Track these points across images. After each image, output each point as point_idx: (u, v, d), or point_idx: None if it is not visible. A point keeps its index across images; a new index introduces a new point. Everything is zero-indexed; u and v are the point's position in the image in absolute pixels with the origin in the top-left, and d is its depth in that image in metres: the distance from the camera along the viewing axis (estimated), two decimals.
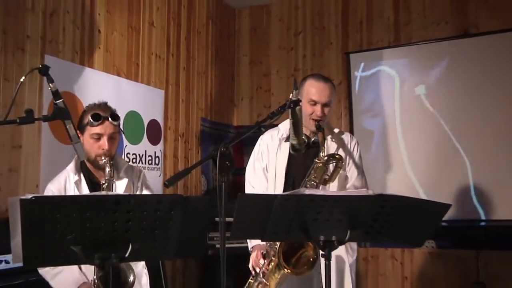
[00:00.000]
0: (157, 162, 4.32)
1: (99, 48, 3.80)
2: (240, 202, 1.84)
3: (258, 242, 2.60)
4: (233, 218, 1.84)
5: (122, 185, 2.44)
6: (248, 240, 2.68)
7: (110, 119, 2.32)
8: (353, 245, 2.72)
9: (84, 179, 2.39)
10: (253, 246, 2.65)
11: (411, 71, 4.67)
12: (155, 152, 4.31)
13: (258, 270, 2.54)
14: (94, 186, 2.38)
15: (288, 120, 2.43)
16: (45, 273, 2.29)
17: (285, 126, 2.75)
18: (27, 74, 2.09)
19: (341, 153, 2.64)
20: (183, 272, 4.52)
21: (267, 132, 2.83)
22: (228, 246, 1.87)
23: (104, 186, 2.24)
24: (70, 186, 2.35)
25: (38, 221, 1.49)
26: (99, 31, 3.81)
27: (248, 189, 2.82)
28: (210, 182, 5.01)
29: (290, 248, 2.40)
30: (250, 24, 5.62)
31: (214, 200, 1.77)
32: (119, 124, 2.38)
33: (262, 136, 2.85)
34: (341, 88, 4.91)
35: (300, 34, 5.33)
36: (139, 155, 4.15)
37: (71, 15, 3.57)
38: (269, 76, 5.45)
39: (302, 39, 5.31)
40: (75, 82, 3.53)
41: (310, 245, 2.36)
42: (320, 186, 2.51)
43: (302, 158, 2.64)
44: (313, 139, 2.67)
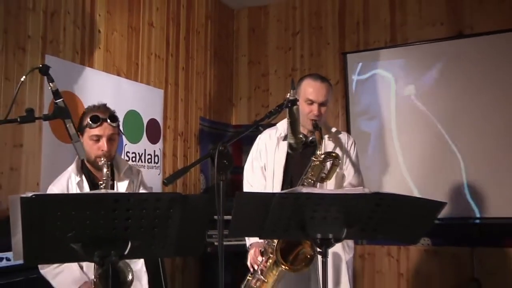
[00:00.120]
0: (156, 161, 4.34)
1: (99, 48, 3.82)
2: (238, 200, 1.85)
3: (256, 240, 2.61)
4: (231, 216, 1.86)
5: (123, 186, 2.46)
6: (246, 237, 2.69)
7: (108, 120, 2.33)
8: (350, 242, 2.73)
9: (85, 180, 2.41)
10: (251, 243, 2.67)
11: (407, 72, 4.69)
12: (154, 151, 4.33)
13: (256, 267, 2.56)
14: (95, 187, 2.39)
15: (286, 119, 2.44)
16: (46, 273, 2.31)
17: (283, 125, 2.75)
18: (28, 74, 2.11)
19: (338, 151, 2.65)
20: (182, 269, 4.54)
21: (265, 131, 2.84)
22: (227, 243, 1.86)
23: (101, 187, 2.26)
24: (72, 187, 2.37)
25: (39, 219, 1.49)
26: (99, 31, 3.82)
27: (246, 187, 2.84)
28: (209, 180, 5.02)
29: (288, 245, 2.41)
30: (248, 24, 5.64)
31: (213, 198, 1.77)
32: (118, 126, 2.39)
33: (260, 135, 2.86)
34: (338, 88, 4.95)
35: (297, 35, 5.35)
36: (139, 154, 4.17)
37: (71, 15, 3.59)
38: (267, 76, 5.48)
39: (299, 39, 5.34)
40: (75, 81, 3.55)
41: (308, 242, 2.37)
42: (318, 184, 2.53)
43: (300, 157, 2.65)
44: (310, 138, 2.68)
